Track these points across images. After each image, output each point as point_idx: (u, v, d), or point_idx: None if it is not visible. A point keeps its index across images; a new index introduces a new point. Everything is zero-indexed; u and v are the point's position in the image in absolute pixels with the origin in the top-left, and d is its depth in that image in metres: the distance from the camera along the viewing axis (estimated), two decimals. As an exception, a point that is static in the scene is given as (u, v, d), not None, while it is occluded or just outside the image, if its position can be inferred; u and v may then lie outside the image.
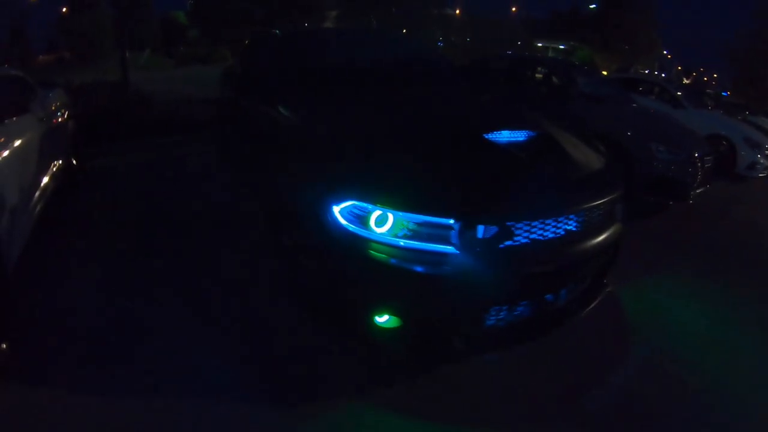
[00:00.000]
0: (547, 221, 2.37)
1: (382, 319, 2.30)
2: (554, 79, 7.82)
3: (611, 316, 3.31)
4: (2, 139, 3.21)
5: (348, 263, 2.28)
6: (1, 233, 2.67)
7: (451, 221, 2.13)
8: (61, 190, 4.73)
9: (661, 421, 2.47)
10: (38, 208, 3.74)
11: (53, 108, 5.00)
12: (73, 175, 5.50)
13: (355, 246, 2.21)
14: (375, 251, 2.17)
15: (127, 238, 4.20)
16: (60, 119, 5.17)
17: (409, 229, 2.19)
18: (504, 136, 2.76)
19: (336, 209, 2.29)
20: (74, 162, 5.60)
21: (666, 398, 2.62)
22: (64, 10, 41.45)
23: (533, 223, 2.34)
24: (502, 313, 2.43)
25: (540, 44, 46.50)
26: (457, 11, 40.66)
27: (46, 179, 4.09)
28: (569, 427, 2.38)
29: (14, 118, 3.53)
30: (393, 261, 2.15)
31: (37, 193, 3.76)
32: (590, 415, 2.44)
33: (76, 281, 3.52)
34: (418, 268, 2.16)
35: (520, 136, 2.82)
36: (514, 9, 46.21)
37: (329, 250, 2.41)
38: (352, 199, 2.27)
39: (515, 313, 2.48)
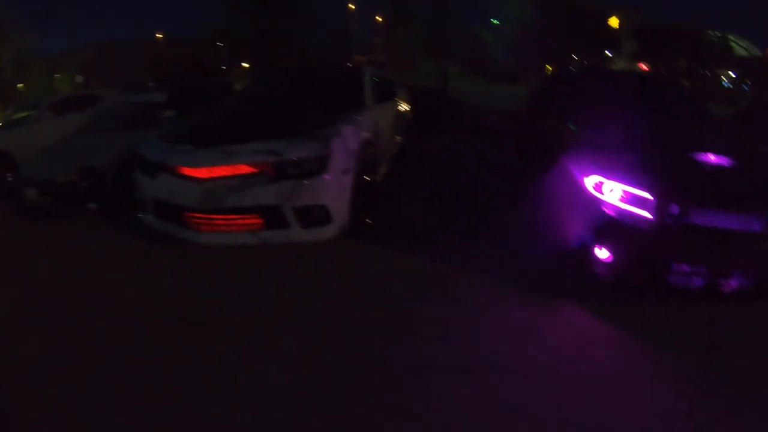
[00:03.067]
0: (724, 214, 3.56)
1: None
2: None
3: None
4: (384, 112, 6.02)
5: (593, 216, 3.79)
6: (380, 160, 5.19)
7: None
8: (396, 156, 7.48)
9: None
10: (390, 155, 6.47)
11: (401, 100, 7.97)
12: (403, 149, 8.38)
13: (594, 205, 3.75)
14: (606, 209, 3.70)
15: (428, 189, 6.78)
16: (404, 108, 8.13)
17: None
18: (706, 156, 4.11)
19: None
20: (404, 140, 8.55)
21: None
22: (379, 18, 50.14)
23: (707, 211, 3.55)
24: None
25: None
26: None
27: (395, 143, 6.87)
28: None
29: (387, 102, 6.46)
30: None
31: (391, 148, 6.52)
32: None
33: (404, 202, 6.03)
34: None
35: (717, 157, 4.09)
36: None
37: (581, 207, 3.94)
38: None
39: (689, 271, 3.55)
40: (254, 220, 4.02)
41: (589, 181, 3.86)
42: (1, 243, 5.63)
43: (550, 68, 42.66)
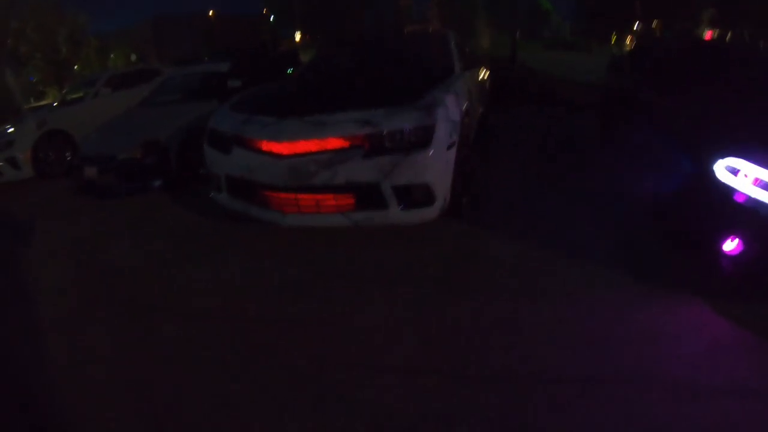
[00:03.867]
0: None
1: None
2: None
3: None
4: (474, 77, 5.47)
5: (720, 203, 3.06)
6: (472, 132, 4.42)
7: None
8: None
9: None
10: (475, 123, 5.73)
11: (485, 68, 7.16)
12: (485, 120, 7.59)
13: (724, 191, 3.00)
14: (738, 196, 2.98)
15: (513, 162, 6.09)
16: (485, 76, 7.30)
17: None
18: None
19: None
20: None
21: None
22: None
23: None
24: None
25: None
26: None
27: (478, 113, 6.12)
28: None
29: (475, 69, 5.71)
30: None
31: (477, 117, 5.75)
32: None
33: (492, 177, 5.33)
34: None
35: None
36: None
37: (705, 192, 3.17)
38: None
39: None
40: (346, 200, 3.54)
41: (719, 165, 3.18)
42: (69, 226, 5.34)
43: (615, 37, 40.44)
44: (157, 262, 4.09)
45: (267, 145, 3.62)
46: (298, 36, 49.49)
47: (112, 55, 26.21)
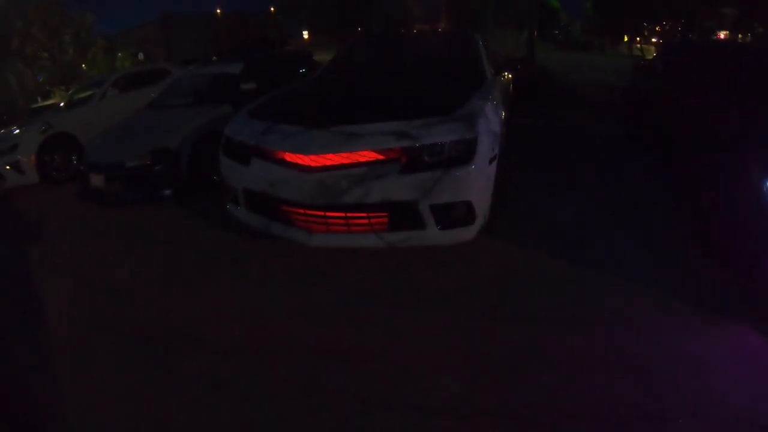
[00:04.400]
0: None
1: None
2: None
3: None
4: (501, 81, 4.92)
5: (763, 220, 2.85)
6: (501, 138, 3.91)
7: None
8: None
9: None
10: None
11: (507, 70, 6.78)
12: (509, 125, 7.26)
13: None
14: None
15: (539, 172, 5.72)
16: (508, 80, 6.93)
17: None
18: None
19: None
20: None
21: None
22: None
23: None
24: None
25: None
26: None
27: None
28: None
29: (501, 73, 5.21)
30: None
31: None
32: None
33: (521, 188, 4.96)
34: None
35: None
36: None
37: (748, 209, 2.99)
38: None
39: None
40: (379, 219, 3.24)
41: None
42: (74, 238, 5.05)
43: (627, 38, 40.03)
44: (170, 281, 3.79)
45: (292, 158, 3.29)
46: (306, 34, 49.29)
47: (119, 55, 25.91)
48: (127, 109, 7.83)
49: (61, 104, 9.49)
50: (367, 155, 3.15)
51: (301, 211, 3.35)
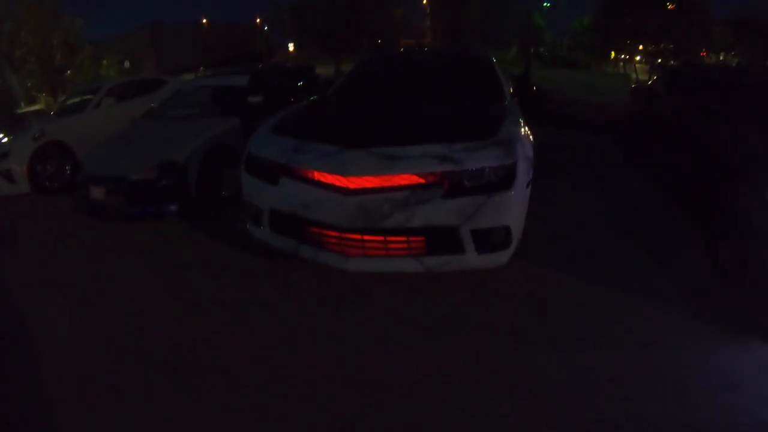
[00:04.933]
0: None
1: None
2: None
3: None
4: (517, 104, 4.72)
5: None
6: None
7: None
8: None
9: None
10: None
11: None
12: None
13: None
14: None
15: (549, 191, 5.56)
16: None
17: None
18: None
19: None
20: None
21: None
22: (425, 1, 49.00)
23: None
24: None
25: None
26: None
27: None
28: None
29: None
30: None
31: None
32: None
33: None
34: None
35: None
36: None
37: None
38: None
39: None
40: (417, 243, 3.17)
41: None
42: (73, 254, 4.81)
43: (614, 55, 40.67)
44: (183, 304, 3.58)
45: (329, 179, 3.19)
46: (291, 47, 49.22)
47: (104, 62, 25.48)
48: (122, 118, 7.59)
49: (52, 112, 9.25)
50: (408, 179, 3.09)
51: (335, 234, 3.24)
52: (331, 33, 26.28)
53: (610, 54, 39.61)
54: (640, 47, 29.37)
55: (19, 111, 17.17)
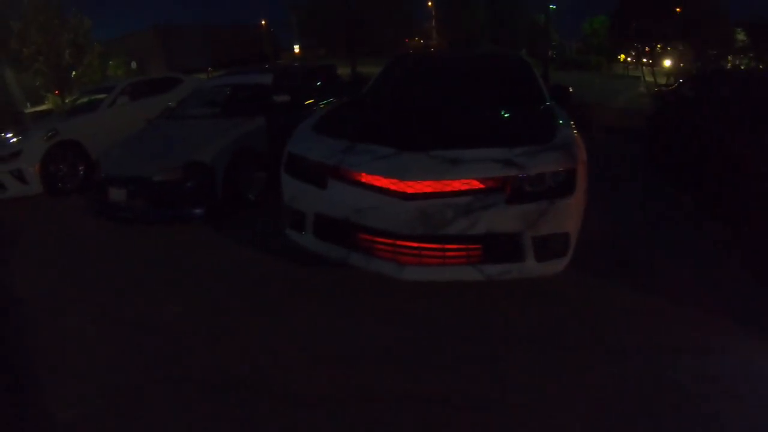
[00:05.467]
0: None
1: None
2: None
3: None
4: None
5: None
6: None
7: None
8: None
9: None
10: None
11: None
12: None
13: None
14: None
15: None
16: None
17: None
18: None
19: None
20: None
21: None
22: (429, 4, 48.96)
23: None
24: None
25: None
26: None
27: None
28: None
29: None
30: None
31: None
32: None
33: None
34: None
35: None
36: None
37: None
38: None
39: None
40: (476, 251, 3.01)
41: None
42: (92, 259, 4.54)
43: (624, 57, 40.50)
44: (218, 318, 3.32)
45: (385, 183, 2.99)
46: (297, 48, 49.09)
47: (111, 63, 25.22)
48: (137, 117, 7.38)
49: (64, 110, 9.00)
50: (469, 183, 2.94)
51: (389, 240, 3.05)
52: (349, 33, 25.89)
53: (620, 56, 39.52)
54: (658, 48, 28.86)
55: (27, 111, 17.00)
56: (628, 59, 40.94)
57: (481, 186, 2.93)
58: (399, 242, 3.01)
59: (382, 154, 3.11)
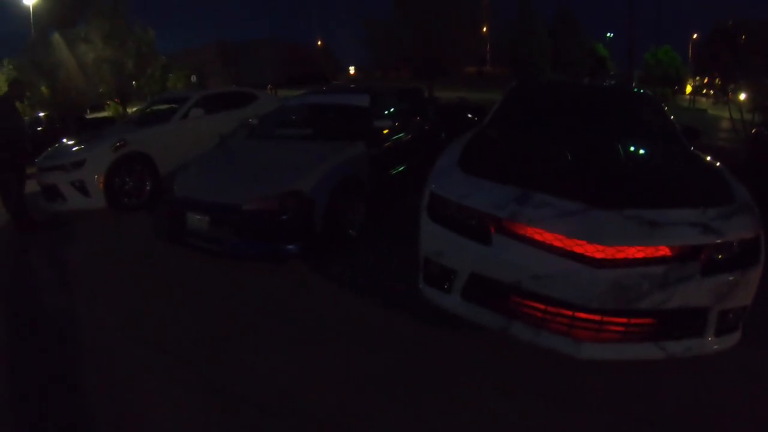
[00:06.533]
0: None
1: None
2: None
3: None
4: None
5: None
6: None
7: None
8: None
9: None
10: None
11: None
12: None
13: None
14: None
15: None
16: None
17: None
18: None
19: None
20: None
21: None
22: (484, 29, 49.25)
23: None
24: None
25: None
26: None
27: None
28: None
29: None
30: None
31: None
32: None
33: None
34: None
35: None
36: None
37: None
38: None
39: None
40: (652, 326, 2.70)
41: None
42: (171, 297, 3.88)
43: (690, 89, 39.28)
44: (355, 401, 2.56)
45: (569, 245, 2.55)
46: (352, 69, 49.29)
47: (171, 75, 25.19)
48: (211, 132, 6.86)
49: (128, 119, 8.52)
50: (663, 250, 2.59)
51: (568, 313, 2.62)
52: (426, 53, 25.23)
53: (687, 88, 38.34)
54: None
55: (89, 118, 16.90)
56: (703, 91, 39.68)
57: (676, 254, 2.60)
58: (579, 314, 2.59)
59: (569, 210, 2.64)
